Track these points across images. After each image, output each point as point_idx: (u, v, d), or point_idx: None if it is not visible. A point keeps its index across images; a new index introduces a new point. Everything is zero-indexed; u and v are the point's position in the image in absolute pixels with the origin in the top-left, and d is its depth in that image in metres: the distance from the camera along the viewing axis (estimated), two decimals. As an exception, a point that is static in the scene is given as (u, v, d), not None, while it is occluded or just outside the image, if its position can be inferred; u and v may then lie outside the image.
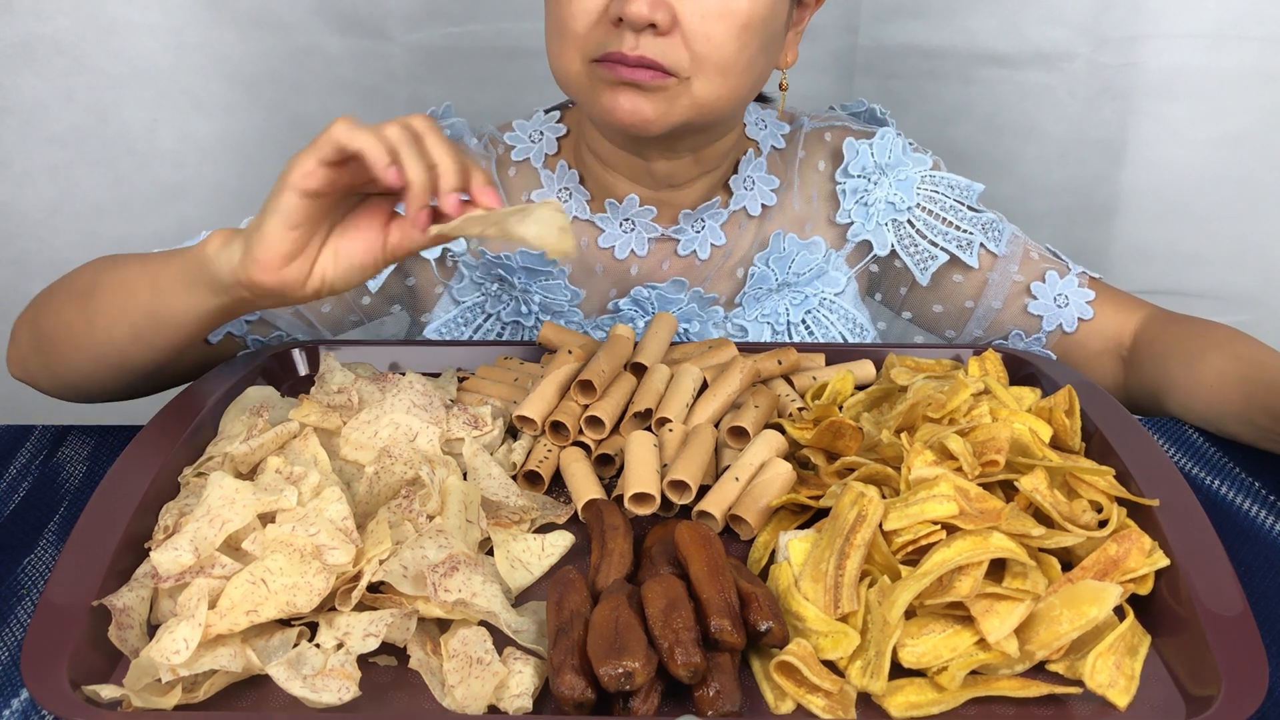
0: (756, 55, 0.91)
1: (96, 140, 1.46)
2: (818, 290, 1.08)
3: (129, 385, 0.93)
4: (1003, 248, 1.07)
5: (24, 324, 0.96)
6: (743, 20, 0.88)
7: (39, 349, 0.94)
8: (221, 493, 0.68)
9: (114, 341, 0.87)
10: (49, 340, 0.92)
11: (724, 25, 0.87)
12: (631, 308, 1.04)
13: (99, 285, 0.88)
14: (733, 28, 0.88)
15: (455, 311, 1.07)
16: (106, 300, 0.87)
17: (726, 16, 0.87)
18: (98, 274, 0.90)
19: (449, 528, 0.69)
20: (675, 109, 0.90)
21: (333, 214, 0.78)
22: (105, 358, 0.89)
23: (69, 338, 0.90)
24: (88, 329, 0.88)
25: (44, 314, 0.93)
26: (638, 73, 0.87)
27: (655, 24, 0.85)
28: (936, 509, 0.66)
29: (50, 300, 0.93)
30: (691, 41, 0.87)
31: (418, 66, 1.49)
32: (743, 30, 0.88)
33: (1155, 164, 1.48)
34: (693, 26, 0.87)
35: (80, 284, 0.91)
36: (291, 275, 0.77)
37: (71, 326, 0.90)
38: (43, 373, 0.95)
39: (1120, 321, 1.06)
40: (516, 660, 0.62)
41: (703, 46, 0.88)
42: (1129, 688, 0.60)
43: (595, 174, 1.05)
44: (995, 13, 1.44)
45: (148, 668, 0.60)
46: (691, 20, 0.87)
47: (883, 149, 1.07)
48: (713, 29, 0.87)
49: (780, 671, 0.61)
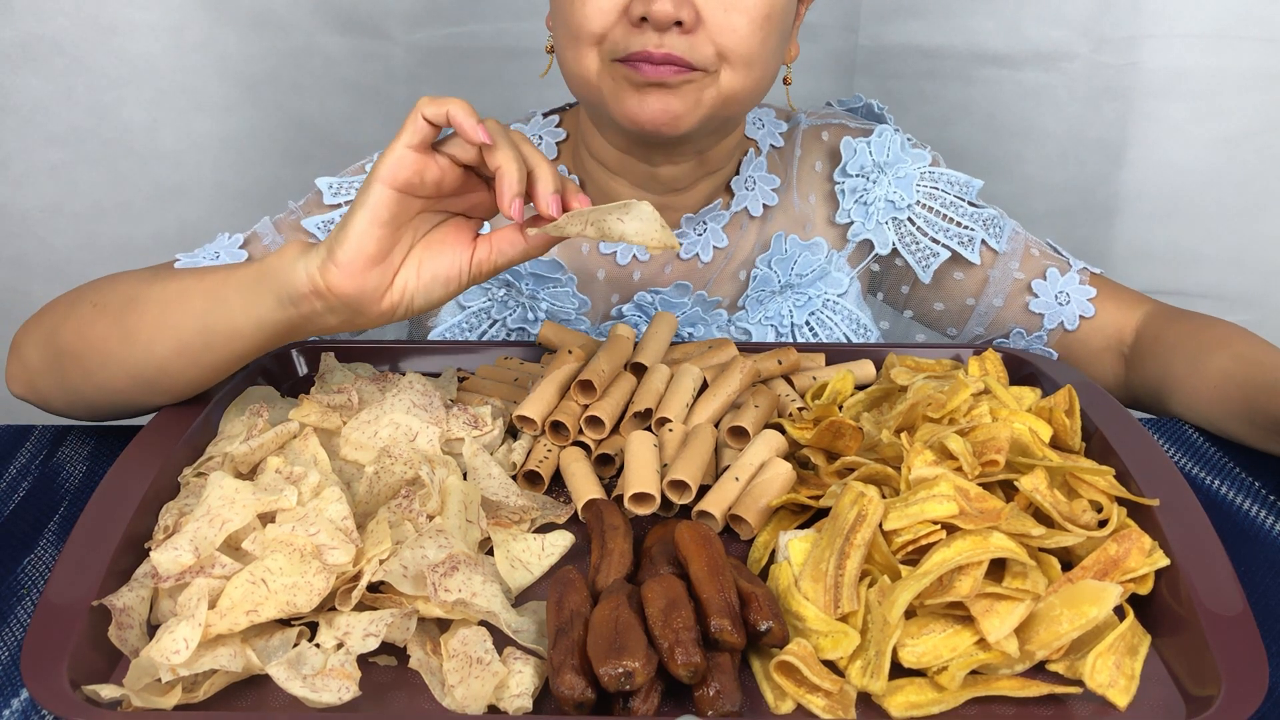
0: (776, 47, 0.92)
1: (96, 140, 1.46)
2: (821, 291, 1.08)
3: (155, 406, 0.85)
4: (1004, 244, 1.07)
5: (33, 340, 0.90)
6: (765, 11, 0.89)
7: (55, 365, 0.88)
8: (221, 493, 0.68)
9: (155, 357, 0.81)
10: (72, 356, 0.86)
11: (747, 18, 0.88)
12: (635, 313, 1.04)
13: (139, 299, 0.82)
14: (756, 19, 0.88)
15: (460, 316, 1.07)
16: (151, 313, 0.81)
17: (749, 9, 0.88)
18: (134, 288, 0.84)
19: (449, 528, 0.69)
20: (703, 103, 0.90)
21: (418, 226, 0.75)
22: (142, 374, 0.82)
23: (99, 353, 0.84)
24: (124, 343, 0.82)
25: (65, 328, 0.87)
26: (663, 71, 0.87)
27: (680, 21, 0.86)
28: (936, 509, 0.66)
29: (70, 314, 0.87)
30: (716, 35, 0.88)
31: (418, 66, 1.49)
32: (765, 21, 0.89)
33: (1155, 164, 1.48)
34: (716, 20, 0.87)
35: (109, 298, 0.86)
36: (372, 283, 0.73)
37: (105, 341, 0.83)
38: (56, 390, 0.89)
39: (1122, 318, 1.06)
40: (516, 660, 0.62)
41: (728, 40, 0.88)
42: (1129, 688, 0.60)
43: (596, 179, 1.05)
44: (995, 13, 1.44)
45: (148, 668, 0.60)
46: (715, 15, 0.87)
47: (881, 147, 1.07)
48: (736, 22, 0.88)
49: (780, 671, 0.61)
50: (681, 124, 0.90)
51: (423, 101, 0.71)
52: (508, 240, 0.76)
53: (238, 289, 0.77)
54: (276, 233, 1.02)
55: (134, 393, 0.84)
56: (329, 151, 1.31)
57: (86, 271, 0.94)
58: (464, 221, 0.77)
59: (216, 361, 0.80)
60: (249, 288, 0.77)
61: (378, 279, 0.73)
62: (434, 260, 0.75)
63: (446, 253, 0.75)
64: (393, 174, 0.71)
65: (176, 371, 0.81)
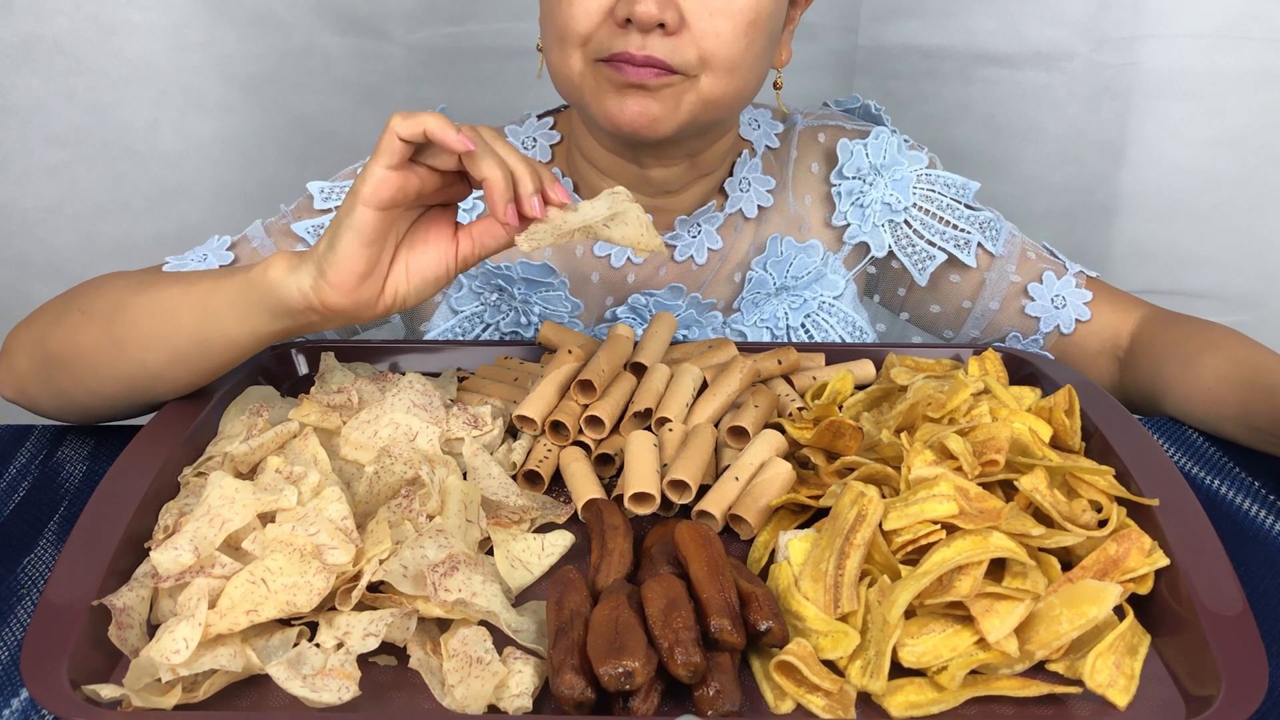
0: (762, 53, 0.92)
1: (96, 140, 1.46)
2: (816, 294, 1.07)
3: (152, 406, 0.87)
4: (1000, 247, 1.07)
5: (22, 345, 0.90)
6: (750, 17, 0.88)
7: (44, 371, 0.88)
8: (221, 492, 0.68)
9: (148, 366, 0.82)
10: (60, 363, 0.86)
11: (731, 23, 0.87)
12: (629, 316, 1.04)
13: (126, 308, 0.83)
14: (740, 25, 0.88)
15: (453, 321, 1.07)
16: (140, 324, 0.82)
17: (734, 14, 0.87)
18: (121, 295, 0.84)
19: (449, 527, 0.69)
20: (682, 107, 0.90)
21: (400, 227, 0.76)
22: (134, 381, 0.83)
23: (88, 361, 0.84)
24: (114, 352, 0.83)
25: (53, 335, 0.87)
26: (643, 73, 0.87)
27: (664, 24, 0.85)
28: (936, 509, 0.66)
29: (59, 321, 0.87)
30: (700, 40, 0.87)
31: (418, 66, 1.49)
32: (750, 27, 0.88)
33: (1155, 164, 1.48)
34: (700, 25, 0.87)
35: (97, 305, 0.85)
36: (365, 294, 0.74)
37: (95, 350, 0.84)
38: (45, 394, 0.89)
39: (1118, 322, 1.06)
40: (516, 660, 0.62)
41: (711, 44, 0.87)
42: (1129, 687, 0.60)
43: (590, 181, 1.04)
44: (995, 13, 1.44)
45: (148, 667, 0.60)
46: (699, 19, 0.87)
47: (877, 149, 1.06)
48: (721, 27, 0.87)
49: (780, 671, 0.61)
50: (660, 127, 0.90)
51: (395, 120, 0.71)
52: (489, 233, 0.77)
53: (229, 302, 0.78)
54: (266, 236, 1.03)
55: (127, 396, 0.85)
56: (329, 152, 1.31)
57: (86, 271, 0.94)
58: (441, 213, 0.78)
59: (213, 367, 0.82)
60: (240, 301, 0.77)
61: (370, 290, 0.75)
62: (420, 260, 0.76)
63: (431, 251, 0.77)
64: (375, 197, 0.72)
65: (172, 377, 0.82)
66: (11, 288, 1.49)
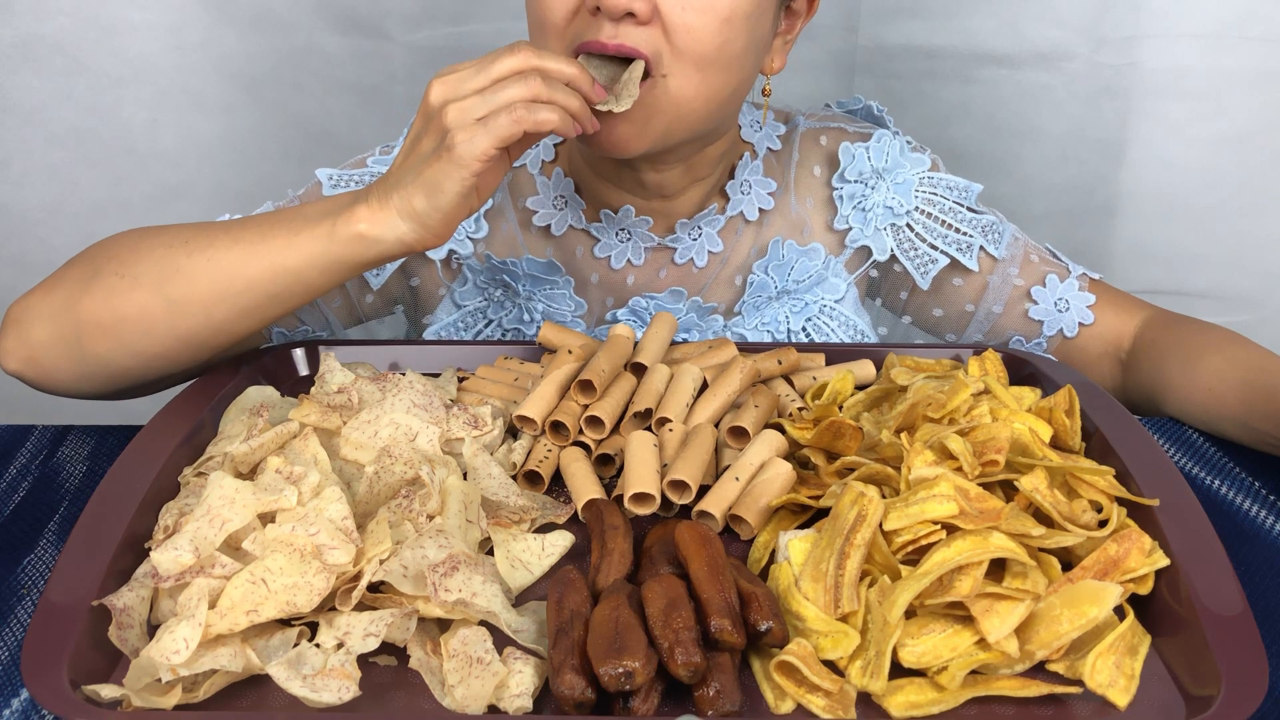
0: (739, 54, 0.89)
1: (96, 140, 1.46)
2: (818, 297, 1.07)
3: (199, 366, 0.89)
4: (1002, 250, 1.07)
5: (38, 314, 0.87)
6: (724, 14, 0.86)
7: (73, 337, 0.85)
8: (221, 493, 0.68)
9: (213, 321, 0.84)
10: (98, 327, 0.85)
11: (705, 18, 0.86)
12: (629, 318, 1.04)
13: (182, 271, 0.84)
14: (714, 21, 0.86)
15: (456, 315, 1.06)
16: (203, 285, 0.83)
17: (708, 10, 0.86)
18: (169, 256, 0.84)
19: (449, 528, 0.69)
20: (651, 123, 0.88)
21: None
22: (195, 338, 0.85)
23: (138, 323, 0.84)
24: (171, 312, 0.84)
25: (87, 301, 0.85)
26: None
27: (634, 12, 0.84)
28: (936, 509, 0.66)
29: (93, 285, 0.85)
30: (671, 33, 0.86)
31: (418, 66, 1.49)
32: (724, 25, 0.86)
33: (1155, 164, 1.48)
34: (673, 18, 0.85)
35: (138, 267, 0.85)
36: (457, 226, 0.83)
37: (145, 312, 0.84)
38: (68, 362, 0.87)
39: (1120, 325, 1.06)
40: (516, 660, 0.62)
41: (682, 39, 0.86)
42: (1129, 687, 0.60)
43: (588, 182, 1.04)
44: (995, 13, 1.44)
45: (148, 667, 0.60)
46: (672, 12, 0.85)
47: (879, 152, 1.06)
48: (693, 21, 0.86)
49: (780, 671, 0.61)
50: (631, 146, 0.90)
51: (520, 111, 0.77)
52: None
53: (307, 259, 0.82)
54: None
55: (180, 352, 0.87)
56: (329, 151, 1.31)
57: (87, 271, 0.94)
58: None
59: (287, 310, 0.86)
60: (323, 257, 0.82)
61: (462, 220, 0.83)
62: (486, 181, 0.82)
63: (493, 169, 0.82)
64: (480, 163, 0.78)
65: (241, 330, 0.86)
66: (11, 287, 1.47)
